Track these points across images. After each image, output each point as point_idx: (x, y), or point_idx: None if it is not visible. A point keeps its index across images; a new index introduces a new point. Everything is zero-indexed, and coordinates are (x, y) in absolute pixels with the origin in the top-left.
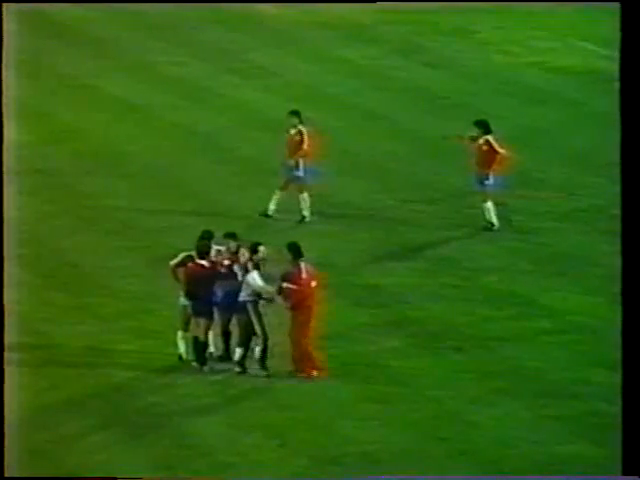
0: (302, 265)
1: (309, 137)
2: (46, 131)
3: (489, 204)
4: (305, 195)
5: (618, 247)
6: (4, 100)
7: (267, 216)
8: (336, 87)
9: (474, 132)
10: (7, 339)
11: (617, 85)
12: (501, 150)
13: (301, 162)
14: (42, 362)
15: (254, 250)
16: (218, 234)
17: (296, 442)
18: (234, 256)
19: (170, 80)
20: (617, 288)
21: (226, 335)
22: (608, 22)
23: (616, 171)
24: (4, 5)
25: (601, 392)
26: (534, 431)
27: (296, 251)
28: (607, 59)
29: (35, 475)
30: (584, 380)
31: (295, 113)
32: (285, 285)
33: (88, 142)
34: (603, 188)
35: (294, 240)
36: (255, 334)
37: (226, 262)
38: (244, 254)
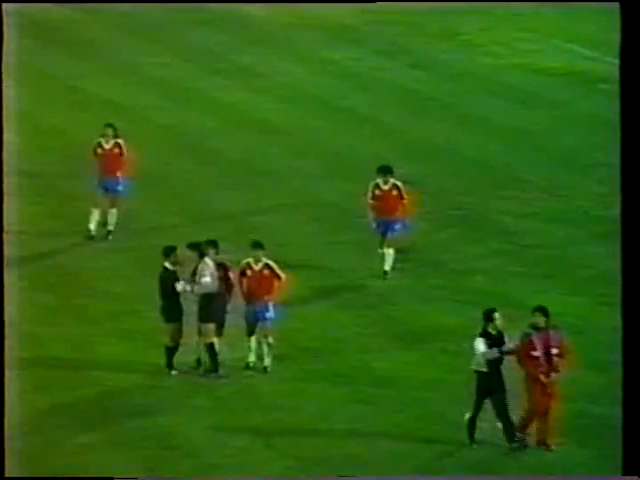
0: (552, 332)
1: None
2: (32, 132)
3: (391, 251)
4: (114, 210)
5: (604, 248)
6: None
7: (91, 238)
8: (322, 88)
9: (379, 179)
10: None
11: (602, 86)
12: (407, 195)
13: (121, 176)
14: (27, 364)
15: (488, 317)
16: (206, 235)
17: (282, 444)
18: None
19: (156, 81)
20: (604, 289)
21: (210, 346)
22: (593, 24)
23: (602, 172)
24: None
25: (588, 393)
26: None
27: (546, 313)
28: (592, 60)
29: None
30: (571, 381)
31: (111, 125)
32: (506, 348)
33: (74, 144)
34: (589, 189)
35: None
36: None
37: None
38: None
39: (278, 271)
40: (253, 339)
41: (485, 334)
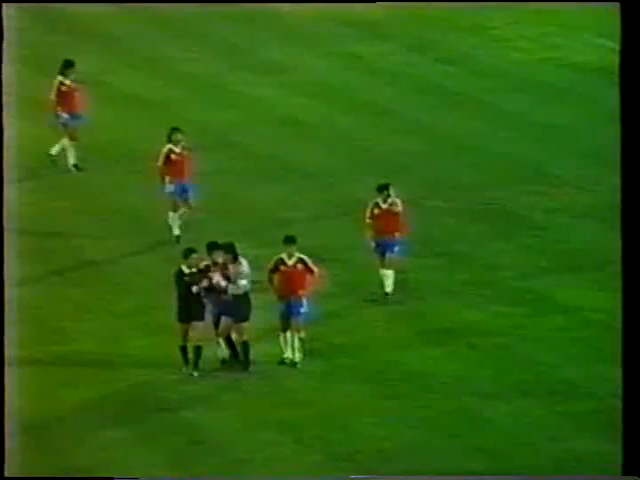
0: None
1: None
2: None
3: (390, 272)
4: (183, 211)
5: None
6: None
7: (178, 239)
8: (349, 83)
9: (379, 198)
10: (21, 336)
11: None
12: (403, 214)
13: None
14: (57, 359)
15: None
16: (233, 229)
17: (310, 438)
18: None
19: (183, 77)
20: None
21: (245, 345)
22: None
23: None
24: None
25: (615, 389)
26: (548, 427)
27: None
28: None
29: (34, 474)
30: (598, 377)
31: (179, 130)
32: None
33: (101, 138)
34: (617, 184)
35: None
36: None
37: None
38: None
39: (311, 265)
40: (287, 335)
41: None
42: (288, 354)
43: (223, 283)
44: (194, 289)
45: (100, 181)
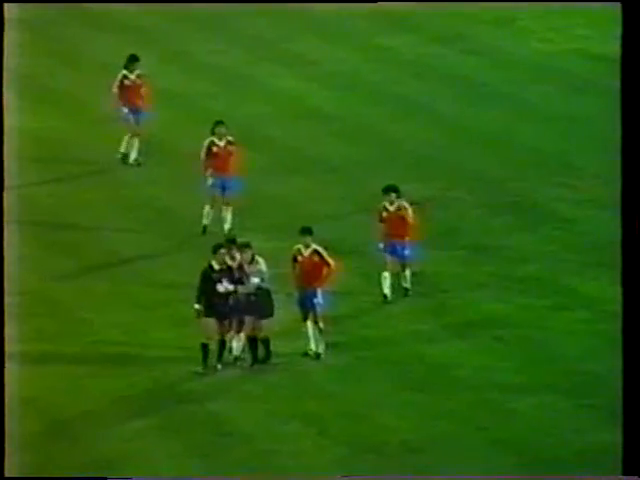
0: None
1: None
2: (85, 120)
3: (407, 272)
4: (230, 208)
5: None
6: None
7: (204, 230)
8: (376, 75)
9: (386, 200)
10: (47, 329)
11: None
12: (413, 217)
13: (234, 174)
14: (82, 352)
15: None
16: (257, 223)
17: (336, 431)
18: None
19: (210, 69)
20: None
21: (266, 341)
22: None
23: None
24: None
25: None
26: (573, 420)
27: None
28: None
29: (40, 475)
30: (622, 370)
31: (222, 123)
32: None
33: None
34: None
35: None
36: None
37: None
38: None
39: (327, 258)
40: (308, 325)
41: None
42: (311, 345)
43: (231, 287)
44: (197, 316)
45: (125, 173)
